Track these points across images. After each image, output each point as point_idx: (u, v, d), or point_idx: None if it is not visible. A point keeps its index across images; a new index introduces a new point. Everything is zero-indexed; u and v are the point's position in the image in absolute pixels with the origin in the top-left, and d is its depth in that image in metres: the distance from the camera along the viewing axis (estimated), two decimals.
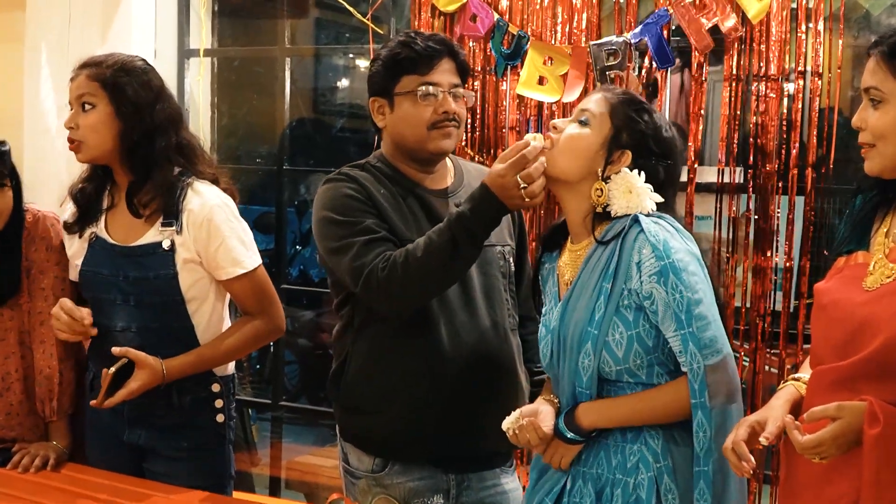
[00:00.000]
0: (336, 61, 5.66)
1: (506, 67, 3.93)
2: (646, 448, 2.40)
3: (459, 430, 2.80)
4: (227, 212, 3.03)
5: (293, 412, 5.29)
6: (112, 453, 3.13)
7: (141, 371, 2.90)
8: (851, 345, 2.12)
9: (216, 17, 4.88)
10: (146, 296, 3.00)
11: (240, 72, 5.12)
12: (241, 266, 3.02)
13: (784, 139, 3.59)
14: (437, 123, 2.76)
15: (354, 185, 2.76)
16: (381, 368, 2.81)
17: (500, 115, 4.01)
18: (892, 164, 2.13)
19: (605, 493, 2.44)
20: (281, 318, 3.17)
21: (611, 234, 2.40)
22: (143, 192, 2.99)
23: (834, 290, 2.23)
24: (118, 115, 2.96)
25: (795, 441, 2.08)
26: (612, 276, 2.37)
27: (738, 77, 3.64)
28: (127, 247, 3.01)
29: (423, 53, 2.76)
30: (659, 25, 3.65)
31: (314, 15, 5.23)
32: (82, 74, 2.99)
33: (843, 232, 2.32)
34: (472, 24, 3.94)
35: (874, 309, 2.09)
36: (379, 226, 2.70)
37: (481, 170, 3.04)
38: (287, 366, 5.52)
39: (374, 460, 2.85)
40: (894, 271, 2.12)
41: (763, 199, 3.64)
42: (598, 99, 2.47)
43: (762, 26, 3.57)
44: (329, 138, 5.60)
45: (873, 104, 2.13)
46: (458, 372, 2.76)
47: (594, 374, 2.40)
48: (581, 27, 3.84)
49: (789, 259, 3.62)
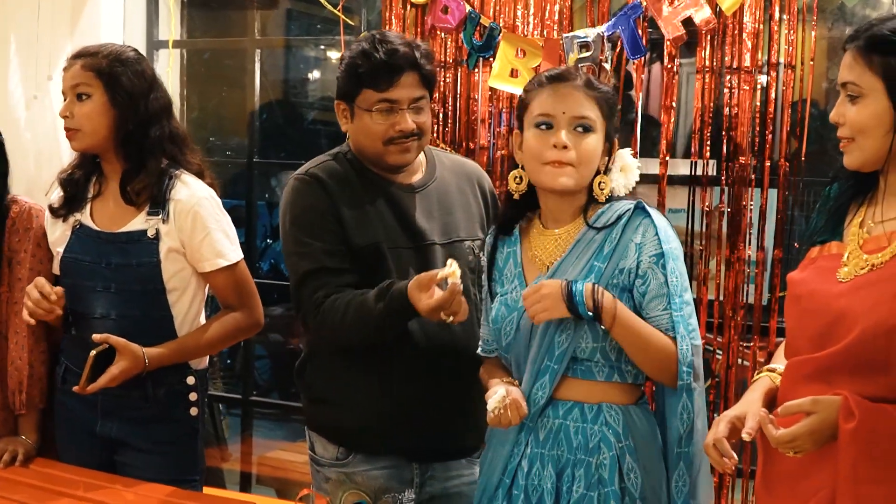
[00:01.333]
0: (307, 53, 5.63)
1: (478, 59, 3.91)
2: (607, 428, 2.47)
3: (423, 421, 2.82)
4: (213, 204, 3.06)
5: (264, 407, 5.28)
6: (83, 446, 3.12)
7: (122, 358, 2.89)
8: (827, 336, 2.12)
9: (185, 7, 4.85)
10: (128, 283, 3.00)
11: (209, 63, 5.09)
12: (224, 258, 3.05)
13: (757, 132, 3.58)
14: (393, 139, 2.75)
15: (320, 193, 2.78)
16: (345, 361, 2.83)
17: (473, 108, 3.99)
18: (873, 158, 2.14)
19: (567, 474, 2.47)
20: (260, 313, 3.19)
21: (604, 219, 2.50)
22: (136, 180, 3.00)
23: (809, 280, 2.23)
24: (113, 104, 2.99)
25: (770, 436, 2.08)
26: (607, 256, 2.47)
27: (711, 69, 3.63)
28: (112, 233, 3.02)
29: (382, 68, 2.72)
30: (632, 17, 3.63)
31: (285, 6, 5.20)
32: (77, 64, 3.01)
33: (816, 221, 2.33)
34: (443, 15, 3.92)
35: (850, 301, 2.10)
36: (330, 249, 2.75)
37: (455, 161, 3.05)
38: (258, 361, 5.49)
39: (339, 449, 2.87)
40: (868, 262, 2.12)
41: (736, 192, 3.64)
42: (589, 104, 2.49)
43: (735, 18, 3.57)
44: (300, 131, 5.57)
45: (851, 99, 2.13)
46: (423, 364, 2.78)
47: (567, 350, 2.46)
48: (553, 19, 3.82)
49: (762, 252, 3.62)
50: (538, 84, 2.53)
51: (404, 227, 2.81)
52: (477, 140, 3.98)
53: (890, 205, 2.16)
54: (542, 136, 2.47)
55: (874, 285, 2.08)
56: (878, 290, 2.06)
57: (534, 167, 2.50)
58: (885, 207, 2.17)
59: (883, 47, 2.07)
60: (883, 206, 2.18)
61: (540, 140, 2.48)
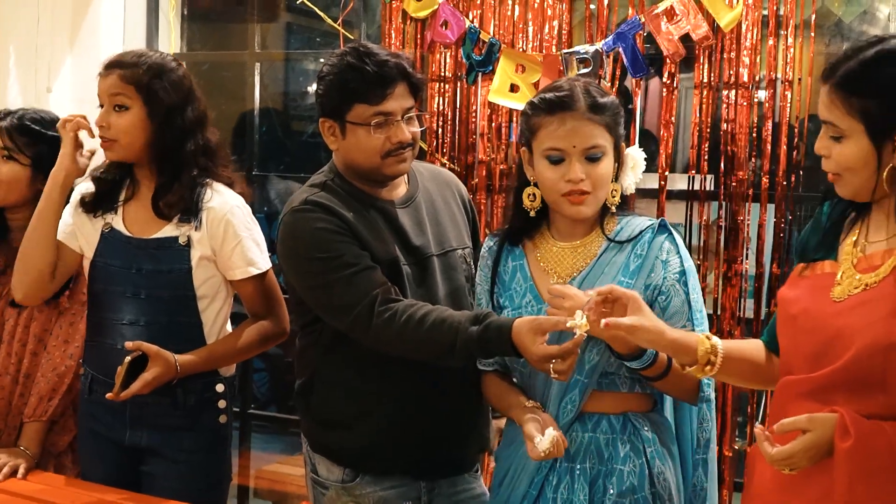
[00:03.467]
0: (307, 66, 5.63)
1: (477, 74, 3.92)
2: (635, 437, 2.52)
3: (431, 439, 2.79)
4: (245, 213, 3.07)
5: (262, 420, 5.26)
6: (109, 458, 3.10)
7: (155, 364, 2.89)
8: (823, 356, 2.12)
9: (185, 20, 4.86)
10: (158, 289, 3.01)
11: (209, 76, 5.08)
12: (255, 266, 3.05)
13: (755, 147, 3.60)
14: (391, 152, 2.71)
15: (324, 215, 2.70)
16: (355, 383, 2.79)
17: (472, 122, 4.00)
18: (863, 192, 2.15)
19: (598, 485, 2.50)
20: (287, 321, 3.19)
21: (625, 233, 2.55)
22: (170, 194, 3.00)
23: (802, 299, 2.23)
24: (151, 118, 2.98)
25: (766, 453, 2.09)
26: (635, 272, 2.51)
27: (709, 85, 3.65)
28: (143, 239, 3.02)
29: (374, 81, 2.67)
30: (632, 34, 3.65)
31: (285, 19, 5.20)
32: (115, 74, 2.98)
33: (807, 238, 2.33)
34: (443, 30, 3.94)
35: (846, 320, 2.10)
36: (358, 255, 2.67)
37: (431, 170, 3.04)
38: (256, 373, 5.48)
39: (345, 471, 2.83)
40: (862, 282, 2.13)
41: (733, 206, 3.65)
42: (598, 131, 2.49)
43: (733, 34, 3.59)
44: (299, 144, 5.57)
45: (834, 139, 2.14)
46: (430, 382, 2.75)
47: (598, 365, 2.49)
48: (553, 35, 3.84)
49: (760, 266, 3.63)
50: (543, 111, 2.51)
51: (400, 243, 2.77)
52: (476, 154, 3.99)
53: (883, 225, 2.17)
54: (555, 169, 2.48)
55: (869, 304, 2.08)
56: (873, 309, 2.06)
57: (552, 197, 2.52)
58: (879, 227, 2.18)
59: (862, 89, 2.07)
60: (876, 226, 2.18)
61: (554, 173, 2.48)
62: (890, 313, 2.03)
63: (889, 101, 2.05)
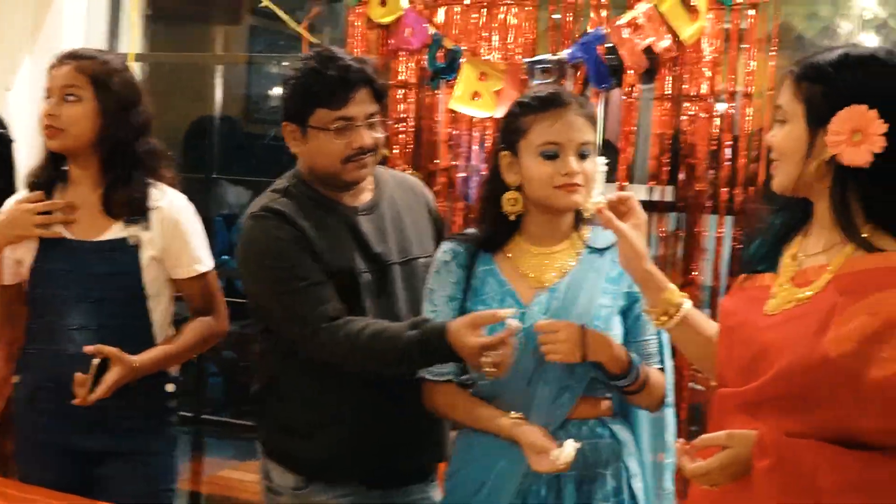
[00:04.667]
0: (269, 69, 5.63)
1: (440, 82, 3.93)
2: (612, 440, 2.56)
3: (387, 448, 2.77)
4: (191, 212, 3.10)
5: (215, 425, 5.23)
6: (54, 465, 3.03)
7: (116, 366, 2.85)
8: (751, 370, 2.11)
9: (148, 21, 4.83)
10: (109, 292, 2.98)
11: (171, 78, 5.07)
12: (202, 264, 3.08)
13: (714, 159, 3.63)
14: (351, 157, 2.70)
15: (280, 224, 2.70)
16: (313, 391, 2.77)
17: (434, 129, 4.01)
18: (791, 183, 2.13)
19: (583, 490, 2.53)
20: (227, 319, 3.21)
21: (601, 241, 2.60)
22: (121, 192, 2.99)
23: (739, 311, 2.22)
24: (101, 111, 2.97)
25: (683, 467, 2.10)
26: (616, 280, 2.59)
27: (669, 97, 3.68)
28: (92, 242, 2.99)
29: (336, 86, 2.67)
30: (595, 45, 3.67)
31: (248, 23, 5.20)
32: (70, 65, 2.98)
33: (754, 249, 2.34)
34: (406, 37, 3.94)
35: (774, 335, 2.09)
36: (309, 269, 2.67)
37: (398, 177, 3.02)
38: (210, 378, 5.45)
39: (298, 478, 2.81)
40: (796, 296, 2.11)
41: (692, 218, 3.68)
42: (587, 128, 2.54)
43: (695, 47, 3.61)
44: (260, 147, 5.56)
45: (780, 123, 2.15)
46: (388, 390, 2.72)
47: (589, 369, 2.52)
48: (517, 43, 3.85)
49: (717, 278, 3.66)
50: (533, 109, 2.53)
51: (361, 250, 2.76)
52: (438, 161, 3.99)
53: (820, 238, 2.15)
54: (550, 164, 2.49)
55: (798, 320, 2.07)
56: (801, 326, 2.05)
57: (543, 192, 2.52)
58: (818, 240, 2.16)
59: (812, 75, 2.08)
60: (816, 239, 2.17)
61: (548, 168, 2.49)
62: (817, 331, 2.01)
63: (833, 90, 2.04)
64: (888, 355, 1.94)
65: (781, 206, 2.30)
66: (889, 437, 1.95)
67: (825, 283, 2.08)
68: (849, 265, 2.07)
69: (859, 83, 2.04)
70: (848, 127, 2.01)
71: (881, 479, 1.96)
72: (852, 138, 2.01)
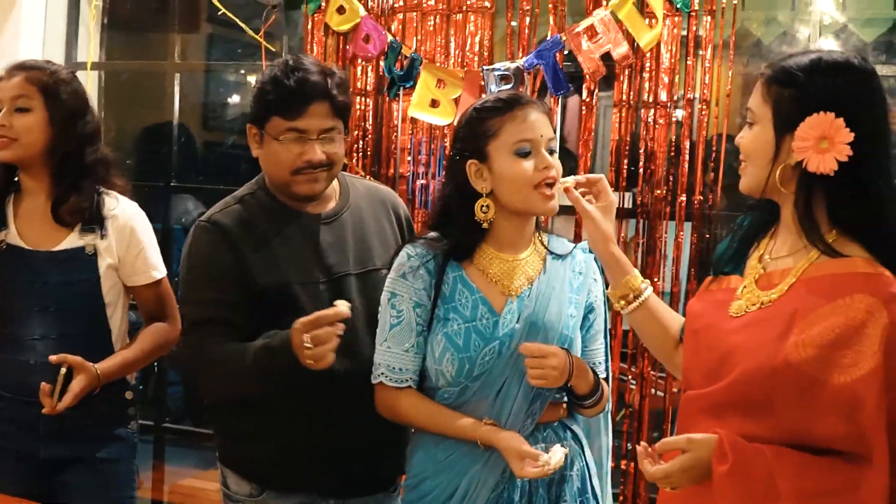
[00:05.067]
0: (227, 77, 5.60)
1: (398, 89, 3.92)
2: (574, 442, 2.61)
3: (338, 457, 2.76)
4: (144, 219, 3.15)
5: (176, 434, 5.20)
6: (16, 473, 3.02)
7: (81, 375, 2.87)
8: (715, 373, 2.12)
9: (105, 29, 4.81)
10: (68, 301, 3.01)
11: (128, 86, 5.04)
12: (157, 271, 3.13)
13: (672, 165, 3.64)
14: (301, 169, 2.69)
15: (219, 241, 2.72)
16: (263, 398, 2.75)
17: (393, 137, 4.00)
18: (757, 185, 2.14)
19: (553, 492, 2.56)
20: (179, 325, 3.14)
21: (559, 248, 2.65)
22: (71, 201, 3.00)
23: (705, 313, 2.24)
24: (51, 121, 3.00)
25: (645, 471, 2.11)
26: (579, 290, 2.64)
27: (628, 103, 3.68)
28: (48, 252, 3.01)
29: (291, 97, 2.66)
30: (553, 52, 3.67)
31: (206, 31, 5.17)
32: (19, 76, 3.01)
33: (721, 251, 2.35)
34: (364, 44, 3.93)
35: (738, 338, 2.10)
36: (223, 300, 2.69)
37: (369, 187, 3.00)
38: (171, 387, 5.41)
39: (252, 486, 2.81)
40: (760, 299, 2.13)
41: (651, 224, 3.68)
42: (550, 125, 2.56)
43: (652, 53, 3.62)
44: (219, 155, 5.53)
45: (748, 125, 2.16)
46: (338, 399, 2.71)
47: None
48: (474, 51, 3.85)
49: (676, 284, 3.66)
50: (499, 111, 2.54)
51: (317, 260, 2.75)
52: (396, 169, 3.98)
53: (786, 241, 2.17)
54: (526, 161, 2.50)
55: (761, 324, 2.09)
56: (763, 330, 2.07)
57: (522, 193, 2.51)
58: (784, 243, 2.18)
59: (782, 79, 2.09)
60: (782, 242, 2.19)
61: (525, 165, 2.50)
62: (778, 336, 2.03)
63: (802, 95, 2.06)
64: (850, 361, 1.95)
65: (749, 207, 2.31)
66: (849, 442, 1.97)
67: (788, 287, 2.10)
68: (812, 270, 2.08)
69: (829, 89, 2.05)
70: (815, 134, 2.02)
71: (840, 484, 1.97)
72: (819, 145, 2.02)
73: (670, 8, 3.59)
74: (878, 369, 1.93)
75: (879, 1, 4.34)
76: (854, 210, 2.07)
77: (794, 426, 2.01)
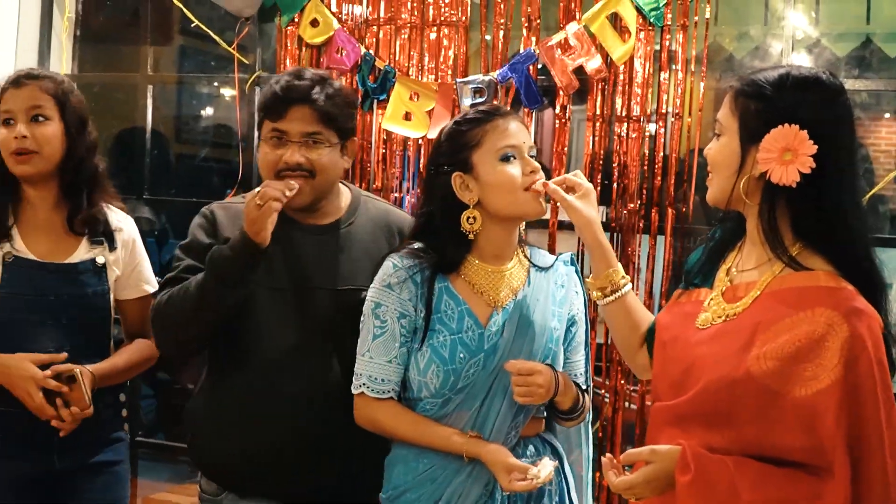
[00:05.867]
0: (200, 89, 5.58)
1: (372, 102, 3.92)
2: (553, 456, 2.60)
3: (298, 468, 2.74)
4: (138, 233, 3.17)
5: (149, 448, 5.17)
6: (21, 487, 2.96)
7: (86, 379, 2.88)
8: (680, 385, 2.15)
9: (78, 41, 4.78)
10: (80, 314, 2.99)
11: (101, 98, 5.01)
12: (150, 285, 3.16)
13: (645, 179, 3.64)
14: (280, 172, 2.72)
15: (208, 229, 2.81)
16: (220, 402, 2.82)
17: (367, 149, 3.99)
18: (721, 196, 2.17)
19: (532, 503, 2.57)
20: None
21: (541, 260, 2.67)
22: (84, 211, 3.00)
23: (673, 325, 2.26)
24: (67, 131, 2.97)
25: (609, 481, 2.13)
26: (562, 302, 2.66)
27: (601, 117, 3.69)
28: (60, 264, 2.97)
29: (274, 100, 2.74)
30: (526, 66, 3.68)
31: (178, 42, 5.16)
32: (33, 85, 2.95)
33: (691, 263, 2.36)
34: (338, 56, 3.93)
35: (703, 351, 2.12)
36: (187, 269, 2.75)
37: (381, 209, 2.98)
38: (143, 400, 5.39)
39: (214, 485, 2.84)
40: (726, 312, 2.15)
41: (624, 237, 3.69)
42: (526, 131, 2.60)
43: (626, 68, 3.64)
44: (191, 167, 5.52)
45: (716, 136, 2.18)
46: (298, 410, 2.71)
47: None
48: (448, 64, 3.85)
49: (649, 298, 3.67)
50: (480, 121, 2.56)
51: (291, 268, 2.77)
52: (370, 181, 3.98)
53: (752, 254, 2.19)
54: (511, 166, 2.52)
55: (725, 336, 2.10)
56: (726, 343, 2.09)
57: (509, 197, 2.53)
58: (748, 256, 2.20)
59: (750, 92, 2.12)
60: (748, 254, 2.20)
61: (512, 169, 2.52)
62: (741, 348, 2.05)
63: (768, 108, 2.08)
64: (810, 374, 1.98)
65: (719, 220, 2.33)
66: (808, 455, 1.98)
67: (753, 300, 2.12)
68: (776, 283, 2.10)
69: (796, 104, 2.07)
70: (779, 145, 2.04)
71: (801, 495, 1.98)
72: (783, 157, 2.04)
73: (643, 22, 3.60)
74: (838, 383, 1.95)
75: (852, 16, 4.37)
76: (817, 223, 2.09)
77: (756, 438, 2.02)
